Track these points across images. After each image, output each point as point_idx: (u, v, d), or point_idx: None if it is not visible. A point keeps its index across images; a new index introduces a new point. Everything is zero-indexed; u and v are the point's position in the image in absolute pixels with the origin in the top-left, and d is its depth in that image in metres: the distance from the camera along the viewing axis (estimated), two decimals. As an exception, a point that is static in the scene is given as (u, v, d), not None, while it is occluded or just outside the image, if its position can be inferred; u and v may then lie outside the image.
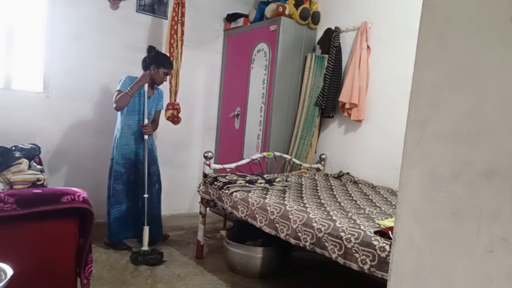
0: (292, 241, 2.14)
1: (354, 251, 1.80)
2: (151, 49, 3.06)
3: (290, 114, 3.81)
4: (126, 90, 2.87)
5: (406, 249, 0.93)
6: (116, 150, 3.02)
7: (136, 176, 3.09)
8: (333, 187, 3.03)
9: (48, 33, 3.33)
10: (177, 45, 3.54)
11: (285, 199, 2.47)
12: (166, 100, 3.43)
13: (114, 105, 2.91)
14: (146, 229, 2.91)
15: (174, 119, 3.60)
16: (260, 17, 3.97)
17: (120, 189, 3.02)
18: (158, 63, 2.98)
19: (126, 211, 3.08)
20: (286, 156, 3.58)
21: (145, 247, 2.88)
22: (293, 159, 3.63)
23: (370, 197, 2.78)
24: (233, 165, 3.20)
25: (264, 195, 2.52)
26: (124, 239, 3.10)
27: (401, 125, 2.18)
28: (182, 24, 3.56)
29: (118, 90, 2.90)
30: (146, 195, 2.98)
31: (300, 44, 3.79)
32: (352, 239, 1.82)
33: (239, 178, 2.89)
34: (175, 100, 3.58)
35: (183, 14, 3.55)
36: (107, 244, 3.06)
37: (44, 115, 3.34)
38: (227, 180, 2.81)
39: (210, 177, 2.92)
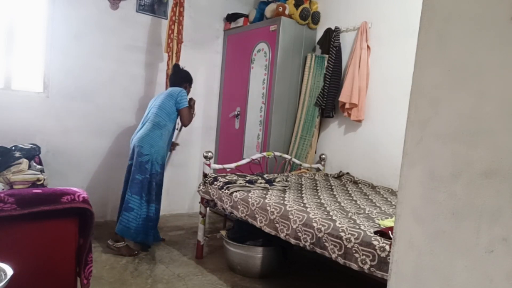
0: (292, 241, 2.14)
1: (354, 251, 1.80)
2: (178, 67, 3.33)
3: (290, 114, 3.81)
4: (192, 111, 3.23)
5: (406, 249, 0.93)
6: (155, 149, 2.97)
7: (162, 178, 3.12)
8: (333, 187, 3.03)
9: (48, 33, 3.33)
10: (173, 45, 3.54)
11: (285, 199, 2.47)
12: None
13: (188, 124, 3.15)
14: None
15: None
16: (260, 17, 3.97)
17: (155, 188, 3.00)
18: (191, 82, 3.33)
19: (157, 212, 3.04)
20: (286, 156, 3.58)
21: None
22: (293, 159, 3.63)
23: (370, 197, 2.78)
24: (233, 165, 3.20)
25: (264, 195, 2.51)
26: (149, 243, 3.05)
27: (401, 125, 2.18)
28: (179, 23, 3.56)
29: (187, 107, 3.10)
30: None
31: (300, 44, 3.79)
32: (352, 239, 1.82)
33: (239, 178, 2.89)
34: None
35: (180, 14, 3.56)
36: (118, 249, 2.93)
37: (44, 115, 3.34)
38: (227, 180, 2.81)
39: (210, 177, 2.92)
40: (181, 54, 3.64)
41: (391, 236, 1.06)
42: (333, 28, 3.61)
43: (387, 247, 1.67)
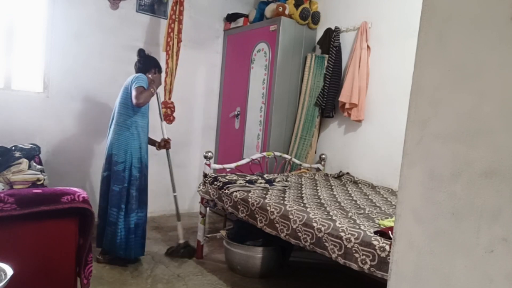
0: (292, 241, 2.14)
1: (354, 251, 1.80)
2: (143, 52, 3.00)
3: (290, 114, 3.81)
4: (150, 89, 2.76)
5: (406, 249, 0.93)
6: (129, 153, 2.74)
7: (145, 181, 2.89)
8: (333, 187, 3.03)
9: (48, 33, 3.33)
10: (173, 43, 3.52)
11: (285, 199, 2.47)
12: (160, 98, 3.35)
13: (138, 101, 2.64)
14: (179, 224, 3.12)
15: (169, 117, 3.59)
16: (260, 17, 3.97)
17: (136, 195, 2.76)
18: (159, 67, 2.98)
19: (142, 221, 2.83)
20: (286, 156, 3.58)
21: (181, 240, 3.08)
22: (293, 159, 3.63)
23: (370, 197, 2.78)
24: (233, 165, 3.20)
25: (264, 195, 2.51)
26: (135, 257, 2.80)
27: (401, 125, 2.18)
28: (180, 22, 3.54)
29: (141, 86, 2.67)
30: (175, 193, 3.15)
31: (300, 44, 3.79)
32: (352, 239, 1.82)
33: (239, 178, 2.89)
34: (169, 99, 3.57)
35: (180, 13, 3.54)
36: (108, 260, 2.75)
37: (44, 115, 3.34)
38: (227, 180, 2.81)
39: (210, 177, 2.91)
40: (180, 54, 3.62)
41: (391, 236, 1.06)
42: (333, 28, 3.61)
43: (387, 247, 1.67)
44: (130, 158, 2.74)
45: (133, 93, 2.66)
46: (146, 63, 2.93)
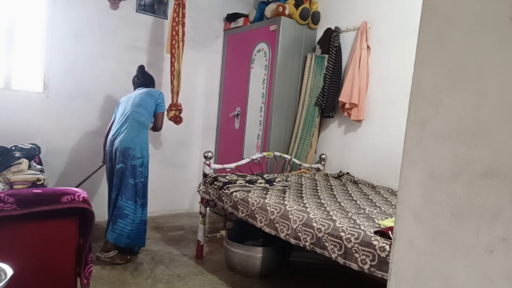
0: (292, 241, 2.14)
1: (354, 251, 1.80)
2: (143, 69, 3.23)
3: (290, 114, 3.81)
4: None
5: (406, 249, 0.93)
6: (145, 151, 2.89)
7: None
8: (333, 187, 3.03)
9: (48, 33, 3.33)
10: (178, 46, 3.53)
11: (285, 199, 2.47)
12: (167, 100, 3.42)
13: (161, 128, 3.11)
14: None
15: (177, 119, 3.61)
16: (260, 17, 3.97)
17: (147, 191, 2.93)
18: (154, 83, 3.28)
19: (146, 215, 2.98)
20: (286, 156, 3.58)
21: None
22: (293, 159, 3.63)
23: (370, 197, 2.78)
24: (233, 165, 3.20)
25: (264, 195, 2.51)
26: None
27: (401, 125, 2.18)
28: (183, 25, 3.55)
29: (163, 112, 3.08)
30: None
31: (300, 44, 3.79)
32: (352, 239, 1.82)
33: (239, 178, 2.89)
34: (177, 101, 3.59)
35: (183, 15, 3.54)
36: (111, 258, 2.74)
37: (44, 115, 3.34)
38: (227, 180, 2.81)
39: (210, 177, 2.91)
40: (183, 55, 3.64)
41: (391, 236, 1.06)
42: (333, 28, 3.61)
43: (387, 247, 1.67)
44: (146, 155, 2.91)
45: (161, 119, 3.06)
46: (146, 79, 3.19)
